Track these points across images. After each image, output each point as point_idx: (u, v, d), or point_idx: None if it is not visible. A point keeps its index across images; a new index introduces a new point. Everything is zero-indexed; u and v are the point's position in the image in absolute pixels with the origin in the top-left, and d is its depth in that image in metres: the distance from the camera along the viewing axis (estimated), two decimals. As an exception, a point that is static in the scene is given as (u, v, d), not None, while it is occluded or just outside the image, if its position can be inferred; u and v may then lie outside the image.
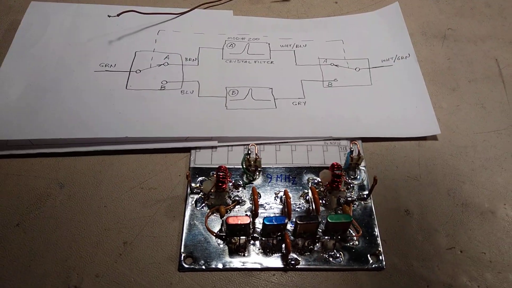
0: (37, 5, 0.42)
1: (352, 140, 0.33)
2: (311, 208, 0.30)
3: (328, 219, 0.26)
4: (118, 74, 0.37)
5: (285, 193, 0.28)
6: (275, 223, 0.26)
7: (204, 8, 0.44)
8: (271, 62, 0.39)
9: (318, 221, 0.26)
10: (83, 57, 0.38)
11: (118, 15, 0.39)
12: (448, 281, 0.28)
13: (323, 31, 0.42)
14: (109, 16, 0.39)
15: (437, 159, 0.33)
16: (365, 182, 0.32)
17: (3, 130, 0.32)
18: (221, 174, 0.29)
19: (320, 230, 0.29)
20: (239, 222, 0.26)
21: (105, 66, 0.38)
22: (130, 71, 0.38)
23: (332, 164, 0.29)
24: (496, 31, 0.43)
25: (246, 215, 0.28)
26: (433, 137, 0.35)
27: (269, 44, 0.41)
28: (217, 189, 0.29)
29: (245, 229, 0.27)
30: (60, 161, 0.33)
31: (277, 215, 0.30)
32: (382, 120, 0.35)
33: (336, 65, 0.39)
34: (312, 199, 0.28)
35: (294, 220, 0.27)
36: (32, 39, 0.39)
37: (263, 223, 0.26)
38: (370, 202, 0.31)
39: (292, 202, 0.29)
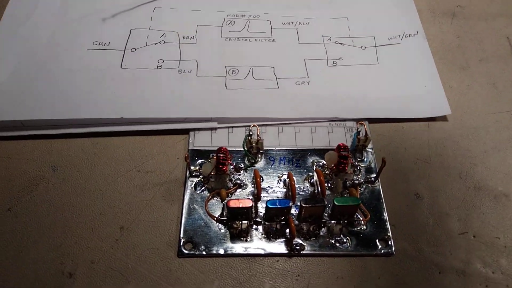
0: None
1: (358, 121, 0.32)
2: (316, 191, 0.28)
3: (335, 202, 0.25)
4: (112, 53, 0.36)
5: (289, 175, 0.26)
6: (278, 206, 0.25)
7: (203, -15, 0.42)
8: (273, 41, 0.38)
9: (324, 204, 0.25)
10: (75, 35, 0.36)
11: (111, -11, 0.37)
12: (461, 267, 0.26)
13: (327, 8, 0.40)
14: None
15: (447, 141, 0.32)
16: (372, 165, 0.30)
17: (-9, 111, 0.31)
18: (221, 155, 0.27)
19: (326, 214, 0.27)
20: (240, 206, 0.25)
21: (99, 44, 0.36)
22: (125, 50, 0.36)
23: (338, 145, 0.28)
24: (507, 8, 0.41)
25: (248, 198, 0.27)
26: (443, 118, 0.33)
27: (270, 21, 0.39)
28: (217, 171, 0.28)
29: (247, 213, 0.26)
30: (53, 143, 0.31)
31: (280, 198, 0.28)
32: (389, 100, 0.33)
33: (341, 43, 0.37)
34: (318, 182, 0.27)
35: (298, 204, 0.26)
36: (21, 17, 0.37)
37: (266, 206, 0.25)
38: (378, 185, 0.29)
39: (296, 186, 0.28)
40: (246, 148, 0.30)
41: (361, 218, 0.27)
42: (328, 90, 0.34)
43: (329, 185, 0.29)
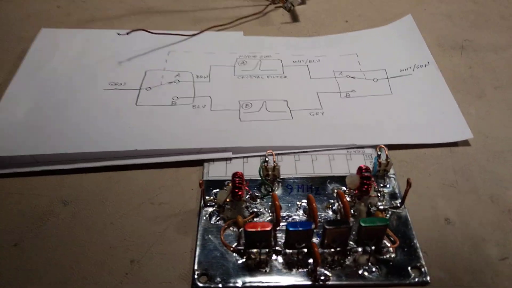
0: (48, 31, 0.42)
1: (377, 147, 0.31)
2: (339, 215, 0.27)
3: (361, 223, 0.23)
4: (127, 92, 0.36)
5: (309, 198, 0.25)
6: (300, 229, 0.23)
7: (214, 31, 0.44)
8: (285, 77, 0.38)
9: (349, 226, 0.23)
10: (92, 77, 0.38)
11: (127, 33, 0.38)
12: (506, 296, 0.24)
13: (336, 47, 0.41)
14: (119, 34, 0.38)
15: (473, 165, 0.31)
16: (396, 190, 0.29)
17: (6, 147, 0.31)
18: (237, 179, 0.26)
19: (351, 242, 0.25)
20: (259, 229, 0.23)
21: (115, 84, 0.37)
22: (140, 89, 0.37)
23: (360, 167, 0.26)
24: (515, 41, 0.42)
25: (267, 222, 0.25)
26: (465, 143, 0.32)
27: (281, 60, 0.40)
28: (233, 197, 0.26)
29: (266, 238, 0.24)
30: (65, 178, 0.31)
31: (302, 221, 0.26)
32: (407, 126, 0.33)
33: (352, 77, 0.38)
34: (341, 205, 0.25)
35: (321, 228, 0.24)
36: (41, 62, 0.39)
37: (287, 230, 0.23)
38: (405, 211, 0.27)
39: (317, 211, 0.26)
40: (262, 175, 0.29)
41: (390, 245, 0.25)
42: (343, 119, 0.34)
43: (352, 211, 0.27)
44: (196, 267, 0.25)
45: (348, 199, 0.28)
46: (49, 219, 0.28)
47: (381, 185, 0.29)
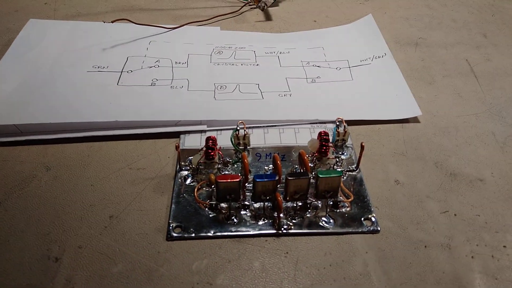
0: (36, 21, 0.44)
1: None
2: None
3: (319, 174, 0.26)
4: (110, 74, 0.39)
5: (274, 157, 0.28)
6: (266, 180, 0.26)
7: (194, 26, 0.47)
8: (257, 65, 0.42)
9: (308, 177, 0.26)
10: (76, 60, 0.40)
11: (112, 21, 0.41)
12: (446, 242, 0.27)
13: (304, 41, 0.45)
14: (104, 22, 0.41)
15: (421, 138, 0.34)
16: (353, 158, 0.32)
17: (-9, 118, 0.33)
18: (210, 141, 0.29)
19: (311, 198, 0.28)
20: (229, 180, 0.26)
21: (98, 67, 0.39)
22: (122, 72, 0.39)
23: (319, 132, 0.30)
24: (463, 39, 0.46)
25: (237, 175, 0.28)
26: (415, 120, 0.36)
27: (254, 51, 0.43)
28: (206, 158, 0.29)
29: (236, 190, 0.26)
30: (48, 148, 0.33)
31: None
32: (365, 105, 0.36)
33: (318, 66, 0.41)
34: (302, 162, 0.28)
35: (284, 180, 0.27)
36: (28, 46, 0.41)
37: (254, 181, 0.26)
38: (360, 174, 0.31)
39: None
40: (234, 142, 0.31)
41: (345, 200, 0.28)
42: (308, 100, 0.37)
43: (313, 174, 0.30)
44: (171, 220, 0.28)
45: (310, 164, 0.31)
46: (32, 182, 0.30)
47: (340, 153, 0.32)
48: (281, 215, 0.27)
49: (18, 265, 0.25)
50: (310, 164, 0.29)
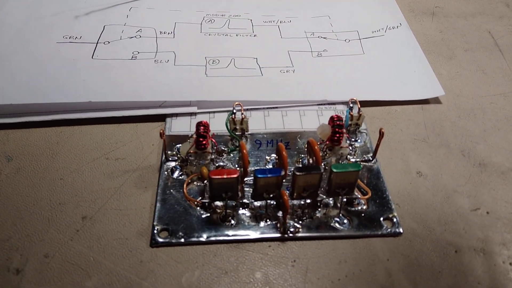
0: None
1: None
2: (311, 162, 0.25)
3: (333, 169, 0.22)
4: (83, 45, 0.33)
5: (279, 146, 0.23)
6: (269, 175, 0.22)
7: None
8: (255, 36, 0.36)
9: (320, 172, 0.22)
10: (44, 29, 0.34)
11: (85, -17, 0.35)
12: (479, 245, 0.23)
13: (307, 9, 0.40)
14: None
15: (444, 121, 0.30)
16: (368, 145, 0.28)
17: None
18: (201, 127, 0.24)
19: (321, 195, 0.24)
20: (225, 177, 0.21)
21: (69, 38, 0.34)
22: (97, 43, 0.34)
23: (332, 117, 0.25)
24: (483, 9, 0.42)
25: (234, 169, 0.23)
26: (437, 100, 0.31)
27: (251, 20, 0.38)
28: (197, 147, 0.24)
29: (232, 188, 0.22)
30: (10, 133, 0.28)
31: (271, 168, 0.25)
32: (379, 84, 0.32)
33: (324, 38, 0.36)
34: (312, 158, 0.24)
35: (291, 174, 0.23)
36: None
37: (255, 176, 0.22)
38: (377, 164, 0.26)
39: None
40: (229, 128, 0.27)
41: (361, 197, 0.24)
42: (314, 76, 0.32)
43: (323, 165, 0.26)
44: (155, 222, 0.23)
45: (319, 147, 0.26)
46: (-10, 175, 0.25)
47: (353, 139, 0.28)
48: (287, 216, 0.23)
49: (-31, 280, 0.21)
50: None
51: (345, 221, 0.23)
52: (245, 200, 0.24)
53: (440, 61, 0.35)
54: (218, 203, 0.24)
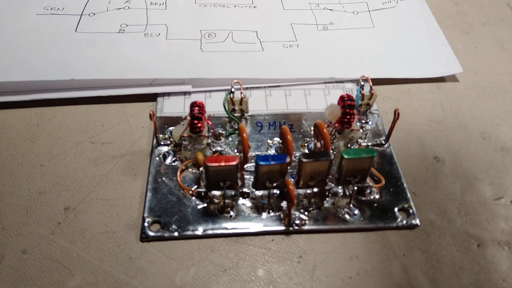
0: None
1: (358, 81, 0.27)
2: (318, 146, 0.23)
3: (344, 155, 0.19)
4: (66, 17, 0.30)
5: (283, 129, 0.21)
6: (272, 162, 0.19)
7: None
8: (254, 7, 0.33)
9: (330, 158, 0.19)
10: (23, 0, 0.31)
11: None
12: (504, 238, 0.21)
13: (311, -22, 0.37)
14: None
15: (462, 101, 0.27)
16: (380, 127, 0.25)
17: None
18: (196, 108, 0.21)
19: (330, 183, 0.21)
20: (223, 164, 0.19)
21: (51, 9, 0.31)
22: (81, 15, 0.31)
23: (341, 96, 0.22)
24: (502, -21, 0.38)
25: (233, 156, 0.21)
26: (453, 78, 0.29)
27: (250, -10, 0.35)
28: (191, 131, 0.22)
29: (231, 176, 0.20)
30: (-16, 115, 0.25)
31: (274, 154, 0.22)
32: (391, 60, 0.29)
33: (330, 9, 0.33)
34: (319, 141, 0.22)
35: (297, 161, 0.20)
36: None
37: (257, 164, 0.19)
38: (390, 148, 0.24)
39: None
40: (227, 109, 0.24)
41: (373, 185, 0.22)
42: (320, 52, 0.29)
43: (331, 149, 0.23)
44: (146, 214, 0.21)
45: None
46: (-39, 162, 0.23)
47: (363, 121, 0.25)
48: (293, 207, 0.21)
49: None
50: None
51: (356, 212, 0.21)
52: (245, 189, 0.21)
53: (456, 36, 0.32)
54: (216, 192, 0.21)
